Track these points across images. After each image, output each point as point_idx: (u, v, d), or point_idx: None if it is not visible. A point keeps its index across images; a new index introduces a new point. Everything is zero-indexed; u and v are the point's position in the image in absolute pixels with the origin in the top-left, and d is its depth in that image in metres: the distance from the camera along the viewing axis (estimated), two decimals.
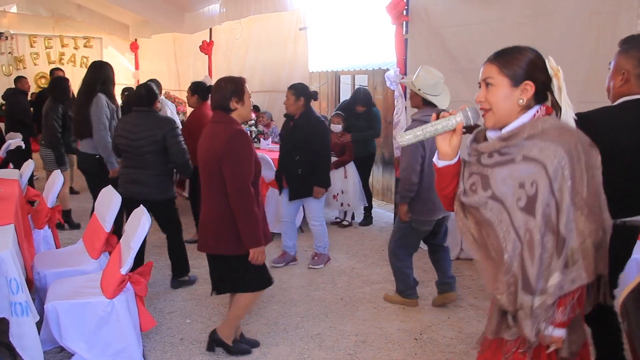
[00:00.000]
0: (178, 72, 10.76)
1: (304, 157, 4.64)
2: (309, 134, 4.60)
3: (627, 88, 2.28)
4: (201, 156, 3.10)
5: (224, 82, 3.10)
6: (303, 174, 4.66)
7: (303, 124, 4.64)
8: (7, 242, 2.89)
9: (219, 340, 3.30)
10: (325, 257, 5.02)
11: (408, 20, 5.40)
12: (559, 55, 4.33)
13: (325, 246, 5.01)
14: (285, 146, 4.85)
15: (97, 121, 4.72)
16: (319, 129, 4.68)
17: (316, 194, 4.72)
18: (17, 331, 2.73)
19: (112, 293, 2.91)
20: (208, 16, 8.48)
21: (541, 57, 1.73)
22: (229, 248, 3.05)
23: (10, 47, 11.17)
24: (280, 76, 7.71)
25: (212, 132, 3.07)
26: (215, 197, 3.03)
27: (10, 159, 6.13)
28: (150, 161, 4.09)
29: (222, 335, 3.30)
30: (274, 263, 4.92)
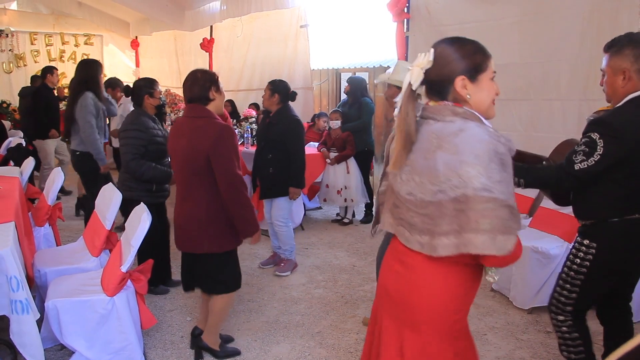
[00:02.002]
0: (179, 69, 10.75)
1: (276, 155, 4.50)
2: (282, 132, 4.45)
3: (632, 85, 2.29)
4: (179, 154, 3.01)
5: (200, 73, 3.05)
6: (274, 172, 4.52)
7: (277, 121, 4.49)
8: (8, 240, 2.88)
9: (206, 347, 3.28)
10: (292, 263, 4.79)
11: (409, 17, 5.40)
12: (560, 53, 4.37)
13: (292, 250, 4.78)
14: (258, 143, 4.73)
15: (83, 119, 4.73)
16: (293, 128, 4.50)
17: (292, 194, 4.57)
18: (18, 329, 2.72)
19: (113, 291, 2.90)
20: (209, 13, 8.48)
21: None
22: (213, 246, 3.02)
23: (11, 45, 11.15)
24: (281, 73, 7.70)
25: (190, 128, 2.96)
26: (200, 195, 2.97)
27: (10, 157, 6.13)
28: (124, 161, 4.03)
29: (209, 342, 3.27)
30: (262, 265, 4.87)
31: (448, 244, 1.62)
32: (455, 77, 1.67)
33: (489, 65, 1.70)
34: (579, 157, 2.26)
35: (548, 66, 4.20)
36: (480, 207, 1.53)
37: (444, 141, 1.63)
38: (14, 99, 10.55)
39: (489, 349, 3.38)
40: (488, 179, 1.53)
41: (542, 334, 3.57)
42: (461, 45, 1.70)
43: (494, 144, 1.57)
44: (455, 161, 1.58)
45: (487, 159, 1.54)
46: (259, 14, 7.67)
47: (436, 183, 1.62)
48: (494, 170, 1.54)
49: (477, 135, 1.59)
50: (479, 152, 1.55)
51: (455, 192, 1.57)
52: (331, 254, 5.22)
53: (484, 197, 1.53)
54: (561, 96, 4.15)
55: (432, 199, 1.63)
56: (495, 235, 1.53)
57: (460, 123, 1.64)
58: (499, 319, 3.78)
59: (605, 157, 2.21)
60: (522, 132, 4.39)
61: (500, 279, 4.11)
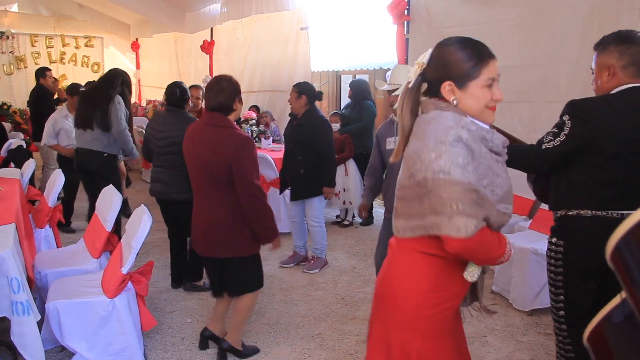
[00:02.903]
0: (179, 71, 10.77)
1: (306, 156, 4.59)
2: (311, 133, 4.56)
3: (617, 81, 2.30)
4: (198, 161, 3.03)
5: (226, 82, 3.08)
6: (305, 173, 4.61)
7: (305, 122, 4.60)
8: (8, 242, 2.89)
9: (230, 347, 3.28)
10: (322, 261, 4.90)
11: (409, 20, 5.40)
12: (560, 55, 4.38)
13: (323, 249, 4.90)
14: (287, 145, 4.84)
15: (116, 118, 4.78)
16: (321, 128, 4.62)
17: (326, 194, 4.68)
18: (18, 330, 2.72)
19: (113, 292, 2.91)
20: (209, 16, 8.49)
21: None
22: (239, 250, 3.07)
23: (12, 47, 11.18)
24: (281, 76, 7.72)
25: (212, 137, 2.99)
26: (223, 201, 3.00)
27: (11, 159, 6.13)
28: (172, 161, 4.00)
29: (233, 342, 3.28)
30: (283, 264, 4.91)
31: (414, 226, 1.67)
32: (443, 81, 1.70)
33: (482, 73, 1.67)
34: (548, 137, 2.28)
35: (548, 68, 4.20)
36: (439, 190, 1.57)
37: (418, 129, 1.70)
38: (14, 101, 10.58)
39: (489, 351, 3.37)
40: (448, 162, 1.56)
41: (542, 336, 3.57)
42: (456, 50, 1.69)
43: (456, 129, 1.60)
44: (420, 146, 1.64)
45: (447, 143, 1.58)
46: (259, 16, 7.67)
47: (408, 168, 1.68)
48: (457, 154, 1.57)
49: (444, 122, 1.63)
50: (441, 137, 1.59)
51: (419, 175, 1.62)
52: (331, 256, 5.22)
53: (442, 179, 1.56)
54: (561, 98, 4.13)
55: (406, 183, 1.70)
56: (452, 215, 1.55)
57: (437, 112, 1.68)
58: (499, 321, 3.78)
59: (570, 137, 2.21)
60: (522, 133, 4.38)
61: (501, 280, 4.12)
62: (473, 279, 1.73)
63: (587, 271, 2.32)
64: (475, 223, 1.56)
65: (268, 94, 8.05)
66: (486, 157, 1.64)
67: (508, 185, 1.71)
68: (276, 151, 6.11)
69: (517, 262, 3.86)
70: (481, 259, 1.68)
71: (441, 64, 1.70)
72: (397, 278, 1.79)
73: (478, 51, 1.69)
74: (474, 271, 1.73)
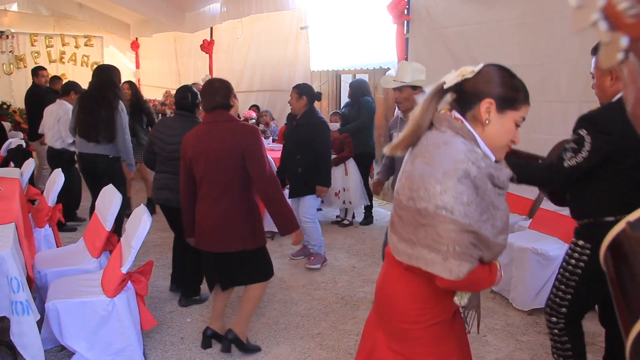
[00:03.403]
0: (179, 71, 10.76)
1: (304, 156, 4.69)
2: (310, 133, 4.65)
3: (620, 85, 2.29)
4: (208, 159, 3.06)
5: (218, 82, 3.21)
6: (302, 172, 4.71)
7: (304, 123, 4.69)
8: (8, 241, 2.89)
9: (236, 337, 3.30)
10: (321, 257, 4.97)
11: (409, 19, 5.40)
12: (560, 55, 4.36)
13: (320, 245, 4.96)
14: (287, 145, 4.93)
15: (121, 128, 4.78)
16: (319, 128, 4.71)
17: (319, 192, 4.78)
18: (18, 330, 2.73)
19: (113, 292, 2.91)
20: (209, 15, 8.48)
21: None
22: (248, 243, 3.13)
23: (11, 46, 11.16)
24: (281, 75, 7.71)
25: (219, 131, 3.08)
26: (235, 195, 3.08)
27: (11, 158, 6.13)
28: (179, 166, 3.74)
29: (239, 332, 3.31)
30: (294, 256, 5.10)
31: (404, 251, 1.63)
32: (486, 97, 1.63)
33: (521, 108, 1.65)
34: (568, 154, 2.27)
35: (548, 68, 4.20)
36: (438, 226, 1.52)
37: (426, 150, 1.62)
38: (14, 100, 10.56)
39: (489, 351, 3.38)
40: (452, 199, 1.50)
41: (542, 335, 3.57)
42: (509, 76, 1.66)
43: (466, 164, 1.53)
44: (426, 173, 1.57)
45: (455, 178, 1.51)
46: (259, 15, 7.67)
47: (410, 189, 1.61)
48: (463, 192, 1.51)
49: (454, 152, 1.56)
50: (449, 170, 1.53)
51: (420, 203, 1.56)
52: (331, 256, 5.22)
53: (444, 216, 1.51)
54: (561, 98, 4.16)
55: (406, 203, 1.63)
56: (447, 257, 1.52)
57: (449, 136, 1.61)
58: (499, 321, 3.78)
59: (593, 153, 2.21)
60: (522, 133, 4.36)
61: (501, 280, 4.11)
62: (463, 302, 1.72)
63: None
64: (469, 267, 1.53)
65: (268, 93, 8.05)
66: (490, 194, 1.60)
67: (507, 216, 1.69)
68: (276, 151, 6.11)
69: (517, 262, 3.87)
70: (470, 290, 1.69)
71: (491, 81, 1.64)
72: (392, 290, 1.79)
73: (525, 90, 1.67)
74: (463, 296, 1.72)
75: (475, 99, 1.64)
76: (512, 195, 3.87)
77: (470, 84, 1.65)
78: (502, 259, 4.20)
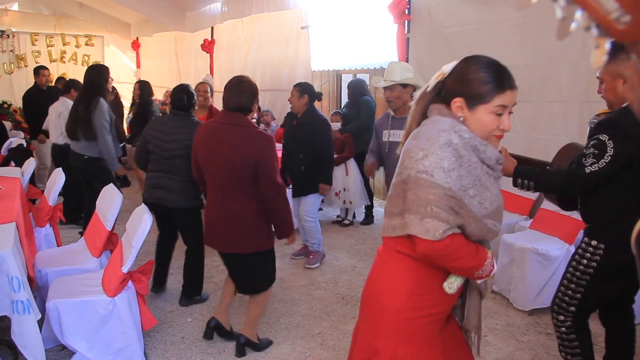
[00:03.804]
0: (179, 70, 10.76)
1: (307, 155, 4.69)
2: (312, 132, 4.65)
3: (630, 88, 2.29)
4: (221, 160, 3.05)
5: (247, 84, 3.15)
6: (306, 171, 4.72)
7: (306, 122, 4.69)
8: (9, 241, 2.89)
9: (248, 341, 3.35)
10: (320, 254, 5.02)
11: (410, 19, 5.40)
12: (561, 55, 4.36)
13: (319, 243, 4.99)
14: (288, 144, 4.92)
15: (101, 125, 4.78)
16: (321, 126, 4.72)
17: (323, 191, 4.80)
18: (19, 329, 2.73)
19: (114, 291, 2.91)
20: (210, 15, 8.49)
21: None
22: (260, 245, 3.17)
23: (12, 45, 11.16)
24: (281, 75, 7.72)
25: (233, 135, 3.04)
26: (245, 198, 3.08)
27: (12, 157, 6.13)
28: (178, 166, 3.82)
29: (250, 335, 3.36)
30: (294, 255, 5.11)
31: (395, 225, 1.68)
32: (455, 96, 1.69)
33: (494, 99, 1.63)
34: (589, 160, 2.24)
35: (549, 68, 4.20)
36: (419, 189, 1.57)
37: (417, 131, 1.71)
38: (15, 100, 10.56)
39: (490, 351, 3.38)
40: (432, 163, 1.57)
41: (543, 335, 3.57)
42: (478, 69, 1.66)
43: (449, 133, 1.61)
44: (412, 145, 1.65)
45: (436, 144, 1.59)
46: (260, 15, 7.67)
47: (399, 166, 1.70)
48: (444, 158, 1.57)
49: (439, 125, 1.64)
50: (431, 137, 1.61)
51: (405, 172, 1.64)
52: (332, 255, 5.22)
53: (424, 179, 1.57)
54: (562, 98, 4.16)
55: (395, 180, 1.70)
56: (424, 217, 1.55)
57: (436, 118, 1.70)
58: (500, 321, 3.78)
59: (616, 157, 2.20)
60: (523, 134, 4.39)
61: (501, 280, 4.12)
62: (451, 290, 1.70)
63: (623, 270, 2.34)
64: (445, 228, 1.54)
65: (268, 93, 8.04)
66: (476, 167, 1.63)
67: (499, 202, 1.70)
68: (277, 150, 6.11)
69: (517, 262, 3.87)
70: (453, 266, 1.65)
71: (460, 79, 1.69)
72: (380, 279, 1.79)
73: (499, 77, 1.65)
74: (453, 283, 1.70)
75: (450, 97, 1.71)
76: (513, 195, 3.88)
77: (448, 83, 1.73)
78: (503, 258, 4.21)
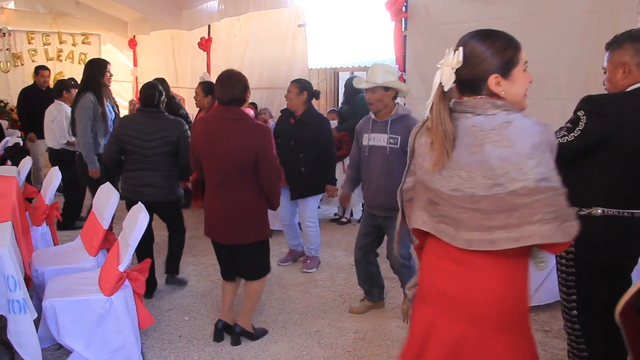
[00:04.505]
0: (176, 69, 10.73)
1: (308, 154, 4.51)
2: (314, 130, 4.48)
3: (633, 78, 2.28)
4: (221, 154, 3.11)
5: (237, 75, 3.21)
6: (306, 172, 4.53)
7: (306, 120, 4.50)
8: (5, 240, 2.88)
9: (243, 331, 3.44)
10: (317, 260, 4.89)
11: (407, 17, 5.38)
12: (560, 53, 4.37)
13: (317, 249, 4.86)
14: (285, 143, 4.63)
15: (79, 120, 4.75)
16: (323, 125, 4.58)
17: (330, 192, 4.62)
18: (15, 328, 2.72)
19: (110, 290, 2.90)
20: (206, 13, 8.46)
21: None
22: (258, 235, 3.27)
23: (8, 44, 11.11)
24: (279, 73, 7.70)
25: (232, 130, 3.10)
26: (245, 190, 3.16)
27: (8, 156, 6.11)
28: (161, 162, 3.94)
29: (245, 326, 3.45)
30: (281, 262, 4.91)
31: (507, 237, 1.59)
32: (489, 75, 1.64)
33: (520, 58, 1.67)
34: (562, 133, 2.26)
35: (548, 66, 4.19)
36: (543, 197, 1.53)
37: (492, 134, 1.59)
38: (11, 98, 10.53)
39: None
40: (546, 169, 1.53)
41: (540, 332, 3.57)
42: (492, 42, 1.65)
43: (547, 133, 1.57)
44: (511, 154, 1.55)
45: (542, 149, 1.54)
46: (256, 13, 7.65)
47: (491, 177, 1.58)
48: (549, 159, 1.54)
49: (529, 127, 1.57)
50: (536, 143, 1.54)
51: (514, 184, 1.55)
52: (329, 253, 5.22)
53: (545, 187, 1.53)
54: (561, 95, 4.15)
55: (487, 192, 1.59)
56: (560, 222, 1.53)
57: (504, 115, 1.61)
58: None
59: (585, 133, 2.19)
60: None
61: None
62: (546, 265, 1.78)
63: (597, 267, 2.34)
64: (578, 224, 1.56)
65: (266, 91, 8.03)
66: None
67: None
68: None
69: None
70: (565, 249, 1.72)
71: (482, 59, 1.64)
72: (487, 280, 1.70)
73: (509, 38, 1.68)
74: (542, 259, 1.75)
75: (481, 82, 1.65)
76: None
77: (466, 72, 1.65)
78: None
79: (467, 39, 1.68)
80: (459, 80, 1.66)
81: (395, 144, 3.51)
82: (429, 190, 1.76)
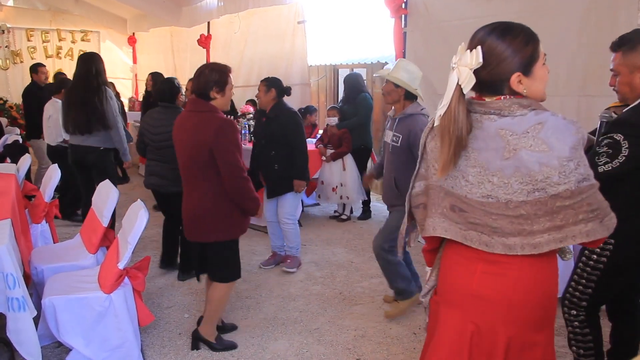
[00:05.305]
0: (175, 66, 10.73)
1: (279, 151, 4.43)
2: (282, 126, 4.40)
3: None
4: (184, 148, 3.10)
5: (208, 70, 3.13)
6: (280, 169, 4.45)
7: (274, 117, 4.43)
8: (4, 237, 2.87)
9: (202, 338, 3.34)
10: (297, 260, 4.76)
11: (407, 13, 5.38)
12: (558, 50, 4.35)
13: (298, 248, 4.74)
14: (259, 142, 4.63)
15: (112, 115, 4.80)
16: (292, 120, 4.45)
17: (297, 187, 4.49)
18: (14, 326, 2.71)
19: (110, 288, 2.90)
20: (206, 9, 8.45)
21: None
22: (220, 234, 3.13)
23: (7, 41, 11.12)
24: (278, 70, 7.68)
25: (193, 121, 3.06)
26: (206, 187, 3.07)
27: (7, 154, 6.11)
28: (169, 155, 3.97)
29: (205, 334, 3.33)
30: (263, 265, 4.80)
31: (550, 239, 1.57)
32: (511, 75, 1.58)
33: (540, 52, 1.61)
34: (602, 159, 2.19)
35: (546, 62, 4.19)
36: (584, 197, 1.53)
37: (527, 139, 1.54)
38: (10, 96, 10.54)
39: None
40: (585, 168, 1.53)
41: None
42: (512, 39, 1.58)
43: (581, 130, 1.53)
44: (551, 158, 1.51)
45: (579, 148, 1.52)
46: (256, 10, 7.64)
47: (530, 182, 1.55)
48: (584, 156, 1.53)
49: (564, 127, 1.53)
50: (574, 144, 1.51)
51: (556, 188, 1.52)
52: (329, 251, 5.22)
53: (585, 186, 1.53)
54: (559, 92, 4.15)
55: (527, 198, 1.56)
56: (602, 218, 1.55)
57: (533, 115, 1.56)
58: None
59: (630, 159, 2.15)
60: None
61: None
62: (570, 256, 1.80)
63: (631, 265, 2.39)
64: (615, 215, 1.58)
65: None
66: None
67: None
68: None
69: None
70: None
71: (502, 58, 1.58)
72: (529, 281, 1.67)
73: (528, 32, 1.61)
74: (565, 250, 1.76)
75: (503, 82, 1.61)
76: None
77: (485, 72, 1.59)
78: None
79: (484, 36, 1.61)
80: (479, 80, 1.60)
81: (397, 142, 3.51)
82: (451, 196, 1.71)
